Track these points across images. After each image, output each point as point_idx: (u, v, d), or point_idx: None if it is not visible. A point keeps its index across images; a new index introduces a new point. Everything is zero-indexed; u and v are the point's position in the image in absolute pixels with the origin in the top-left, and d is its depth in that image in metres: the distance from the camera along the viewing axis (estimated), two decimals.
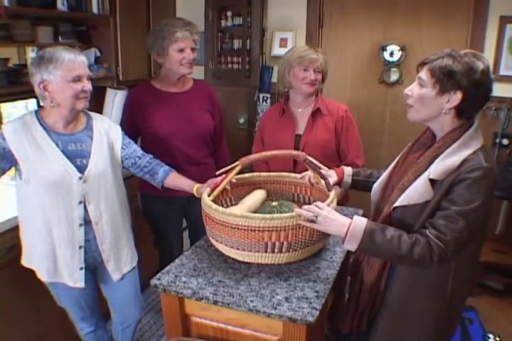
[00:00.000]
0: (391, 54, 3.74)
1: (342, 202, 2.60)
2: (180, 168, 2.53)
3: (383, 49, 3.76)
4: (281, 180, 2.29)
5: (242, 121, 4.20)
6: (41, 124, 2.03)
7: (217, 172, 2.03)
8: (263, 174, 2.28)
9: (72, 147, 2.05)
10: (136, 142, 2.59)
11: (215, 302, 1.71)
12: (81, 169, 2.04)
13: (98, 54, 3.46)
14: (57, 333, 2.66)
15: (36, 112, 2.06)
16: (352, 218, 1.65)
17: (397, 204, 1.63)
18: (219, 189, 1.99)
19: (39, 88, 1.95)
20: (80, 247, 2.09)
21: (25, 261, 2.20)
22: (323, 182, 2.02)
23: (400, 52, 3.72)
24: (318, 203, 1.74)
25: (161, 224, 2.90)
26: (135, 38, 3.53)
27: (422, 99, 1.59)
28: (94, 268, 2.23)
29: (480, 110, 1.64)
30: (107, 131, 2.18)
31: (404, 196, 1.62)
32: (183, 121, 2.66)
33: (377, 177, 1.95)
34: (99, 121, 2.19)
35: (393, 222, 1.65)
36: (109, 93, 3.10)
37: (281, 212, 2.02)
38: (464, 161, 1.53)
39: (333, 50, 3.90)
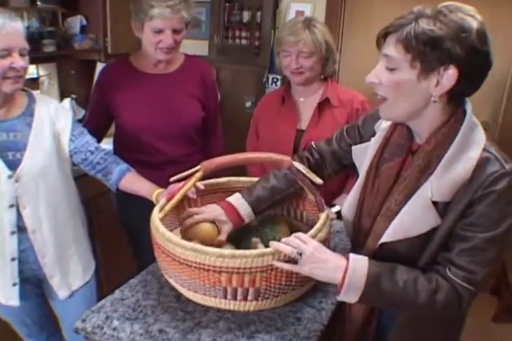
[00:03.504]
0: None
1: None
2: (156, 168, 2.20)
3: None
4: None
5: (248, 104, 3.82)
6: None
7: (172, 179, 1.58)
8: (242, 179, 1.81)
9: (2, 137, 1.69)
10: (101, 134, 2.29)
11: None
12: (12, 165, 1.69)
13: (84, 22, 3.18)
14: None
15: None
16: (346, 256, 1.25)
17: (387, 239, 1.26)
18: (173, 202, 1.52)
19: None
20: (13, 259, 1.76)
21: None
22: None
23: None
24: (301, 235, 1.29)
25: (138, 231, 2.42)
26: (127, 4, 3.06)
27: (398, 86, 1.17)
28: (38, 281, 1.91)
29: (480, 87, 1.20)
30: (52, 117, 1.80)
31: (397, 227, 1.25)
32: (160, 111, 2.21)
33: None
34: (43, 104, 1.80)
35: (383, 257, 1.29)
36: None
37: (259, 234, 1.60)
38: (478, 167, 1.16)
39: (356, 27, 3.51)
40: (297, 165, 1.46)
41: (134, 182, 1.86)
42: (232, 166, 1.48)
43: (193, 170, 1.51)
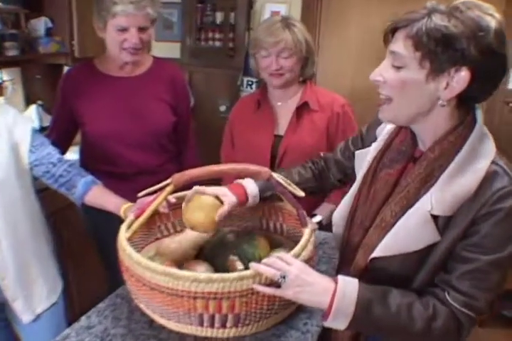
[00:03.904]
0: None
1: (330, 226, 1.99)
2: (126, 179, 2.07)
3: None
4: None
5: (223, 108, 3.76)
6: None
7: (140, 194, 1.45)
8: None
9: None
10: (66, 144, 2.19)
11: None
12: None
13: (50, 24, 3.01)
14: None
15: None
16: (335, 279, 1.14)
17: (380, 253, 1.16)
18: (141, 219, 1.39)
19: None
20: None
21: None
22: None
23: None
24: (284, 255, 1.18)
25: (107, 247, 2.26)
26: None
27: (404, 86, 1.08)
28: (0, 305, 1.77)
29: (494, 92, 1.10)
30: (9, 127, 1.66)
31: (391, 241, 1.15)
32: (129, 117, 2.08)
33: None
34: (0, 114, 1.67)
35: (372, 274, 1.19)
36: None
37: (236, 251, 1.47)
38: (485, 181, 1.06)
39: (333, 27, 3.52)
40: (276, 176, 1.34)
41: (100, 196, 1.72)
42: (203, 178, 1.36)
43: (164, 183, 1.39)
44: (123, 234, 1.33)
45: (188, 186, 1.43)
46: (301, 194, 1.35)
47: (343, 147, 1.54)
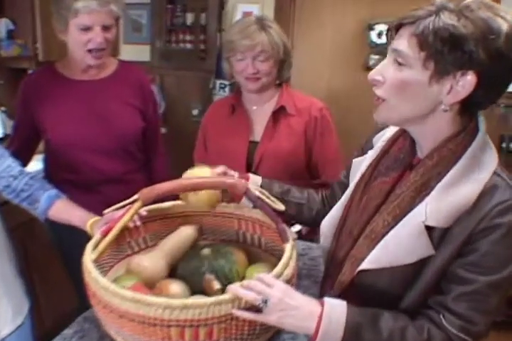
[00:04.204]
0: (379, 35, 3.42)
1: (310, 236, 1.97)
2: (91, 189, 1.98)
3: (370, 28, 3.40)
4: (218, 211, 1.59)
5: (195, 112, 3.71)
6: None
7: (106, 211, 1.37)
8: None
9: None
10: (29, 153, 2.09)
11: None
12: None
13: (11, 26, 2.93)
14: None
15: None
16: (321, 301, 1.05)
17: (368, 265, 1.08)
18: (108, 239, 1.29)
19: None
20: None
21: None
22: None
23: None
24: (264, 276, 1.08)
25: (74, 262, 2.15)
26: None
27: (405, 87, 1.02)
28: None
29: (498, 99, 1.05)
30: None
31: (381, 253, 1.08)
32: (94, 123, 1.99)
33: (299, 202, 1.48)
34: None
35: (359, 290, 1.12)
36: None
37: (213, 268, 1.37)
38: (484, 193, 0.99)
39: (307, 28, 3.50)
40: (254, 188, 1.25)
41: (65, 211, 1.62)
42: (174, 193, 1.27)
43: (131, 199, 1.29)
44: (88, 256, 1.22)
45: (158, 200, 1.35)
46: (281, 207, 1.27)
47: (345, 168, 1.48)
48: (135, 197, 1.27)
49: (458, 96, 0.98)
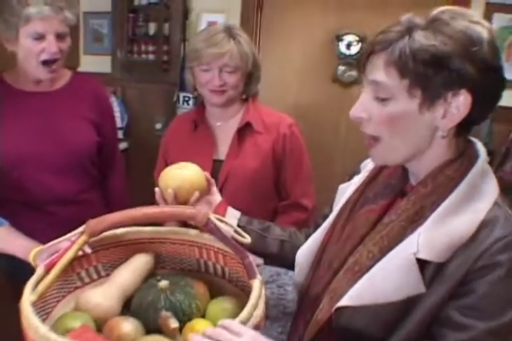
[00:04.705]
0: (348, 46, 3.40)
1: None
2: (42, 209, 1.82)
3: (339, 39, 3.38)
4: (176, 238, 1.45)
5: (158, 126, 3.58)
6: None
7: (46, 246, 1.22)
8: (147, 229, 1.44)
9: None
10: None
11: None
12: None
13: None
14: None
15: None
16: None
17: (348, 302, 0.95)
18: (48, 281, 1.13)
19: None
20: None
21: None
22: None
23: (360, 44, 3.36)
24: (231, 324, 0.94)
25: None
26: None
27: (394, 122, 0.94)
28: None
29: (491, 112, 0.99)
30: None
31: (364, 288, 0.95)
32: (44, 137, 1.83)
33: (281, 238, 1.35)
34: None
35: (337, 330, 0.98)
36: None
37: (170, 303, 1.22)
38: (484, 226, 0.89)
39: (275, 39, 3.47)
40: (215, 219, 1.12)
41: (6, 240, 1.49)
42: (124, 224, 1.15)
43: (75, 232, 1.15)
44: (27, 298, 1.07)
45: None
46: (247, 240, 1.14)
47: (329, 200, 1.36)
48: (80, 229, 1.13)
49: (454, 119, 0.90)
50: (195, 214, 1.10)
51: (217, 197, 1.42)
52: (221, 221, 1.13)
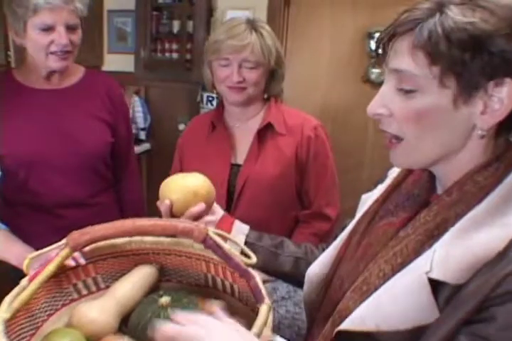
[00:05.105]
0: None
1: None
2: (53, 213, 1.75)
3: (370, 37, 3.22)
4: (182, 250, 1.34)
5: (182, 127, 3.45)
6: None
7: (30, 256, 1.11)
8: (149, 239, 1.32)
9: None
10: None
11: None
12: None
13: None
14: None
15: None
16: None
17: (347, 325, 0.82)
18: (24, 296, 1.02)
19: None
20: None
21: None
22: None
23: None
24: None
25: None
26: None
27: (422, 118, 0.78)
28: None
29: None
30: None
31: (367, 310, 0.81)
32: (55, 137, 1.74)
33: (297, 256, 1.21)
34: None
35: None
36: None
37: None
38: None
39: (302, 37, 3.32)
40: (215, 235, 1.00)
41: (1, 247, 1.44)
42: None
43: (57, 244, 1.06)
44: (1, 316, 0.96)
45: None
46: (252, 261, 1.01)
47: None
48: (62, 241, 1.02)
49: (497, 115, 0.74)
50: (191, 229, 0.98)
51: (219, 211, 1.30)
52: (224, 237, 1.00)
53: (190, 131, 1.91)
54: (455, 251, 0.74)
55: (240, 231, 1.24)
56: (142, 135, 3.56)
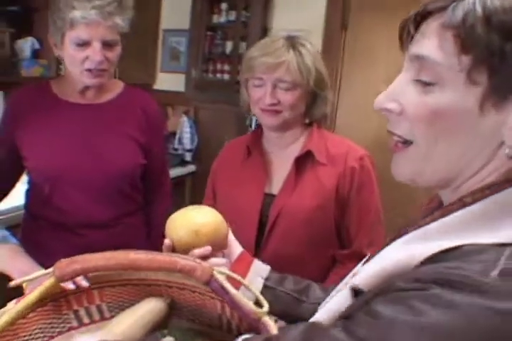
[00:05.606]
0: None
1: None
2: (74, 231, 1.67)
3: None
4: (196, 286, 1.17)
5: None
6: None
7: (12, 284, 1.00)
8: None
9: None
10: (8, 183, 1.77)
11: None
12: None
13: (37, 46, 2.80)
14: None
15: None
16: None
17: None
18: (11, 315, 0.91)
19: None
20: None
21: None
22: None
23: None
24: None
25: None
26: None
27: (438, 119, 0.61)
28: None
29: None
30: None
31: None
32: (84, 155, 1.66)
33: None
34: None
35: None
36: None
37: None
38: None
39: (358, 62, 3.14)
40: (221, 276, 0.85)
41: (4, 260, 1.40)
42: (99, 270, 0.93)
43: (44, 272, 0.95)
44: None
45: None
46: (264, 310, 0.86)
47: None
48: (49, 270, 0.91)
49: None
50: (192, 268, 0.84)
51: (235, 250, 1.15)
52: (234, 280, 0.86)
53: (224, 156, 1.77)
54: (379, 261, 0.65)
55: (258, 273, 1.09)
56: (188, 156, 3.45)
